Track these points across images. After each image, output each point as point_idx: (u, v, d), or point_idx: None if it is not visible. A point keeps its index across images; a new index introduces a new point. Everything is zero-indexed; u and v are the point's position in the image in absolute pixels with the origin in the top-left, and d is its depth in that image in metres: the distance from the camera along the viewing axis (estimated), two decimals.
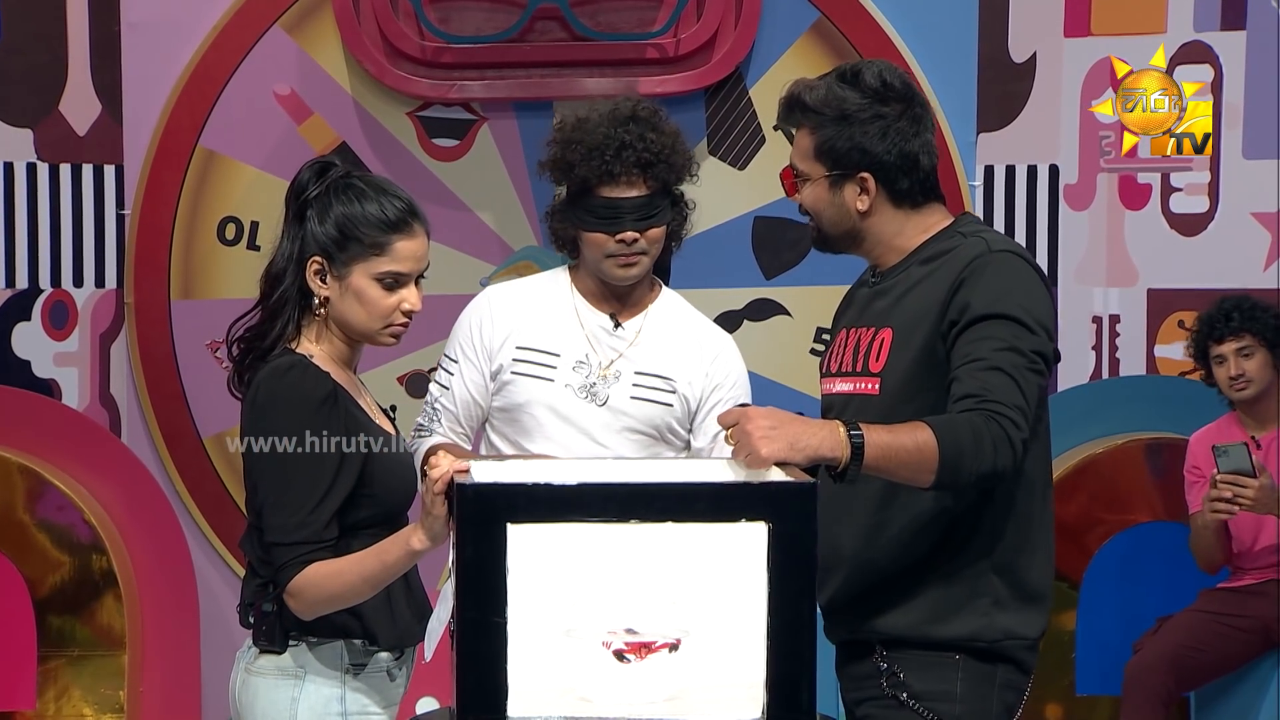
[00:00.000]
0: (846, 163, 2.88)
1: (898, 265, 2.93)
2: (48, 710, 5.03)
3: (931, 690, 2.86)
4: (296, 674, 2.78)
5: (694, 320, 3.37)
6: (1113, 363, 5.48)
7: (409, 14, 5.11)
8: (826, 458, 2.63)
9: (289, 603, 2.73)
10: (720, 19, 5.11)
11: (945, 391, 2.76)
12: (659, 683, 2.39)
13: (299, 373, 2.74)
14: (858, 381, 2.91)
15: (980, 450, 2.65)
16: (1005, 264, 2.81)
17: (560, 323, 3.26)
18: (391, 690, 2.86)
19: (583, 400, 3.19)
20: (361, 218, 2.78)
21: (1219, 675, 4.95)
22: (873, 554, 2.89)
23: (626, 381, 3.22)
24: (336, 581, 2.70)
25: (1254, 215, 5.39)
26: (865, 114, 2.87)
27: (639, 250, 3.20)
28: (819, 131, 2.89)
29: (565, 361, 3.22)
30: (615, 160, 3.15)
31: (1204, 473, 4.88)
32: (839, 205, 2.91)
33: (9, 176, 5.37)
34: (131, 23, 5.23)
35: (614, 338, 3.25)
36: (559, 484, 2.37)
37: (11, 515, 5.01)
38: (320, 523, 2.71)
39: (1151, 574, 5.12)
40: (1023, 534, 2.88)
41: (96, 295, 5.42)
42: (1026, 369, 2.72)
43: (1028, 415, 2.71)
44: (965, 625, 2.86)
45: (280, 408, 2.72)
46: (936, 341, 2.80)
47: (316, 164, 2.87)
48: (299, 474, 2.71)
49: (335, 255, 2.79)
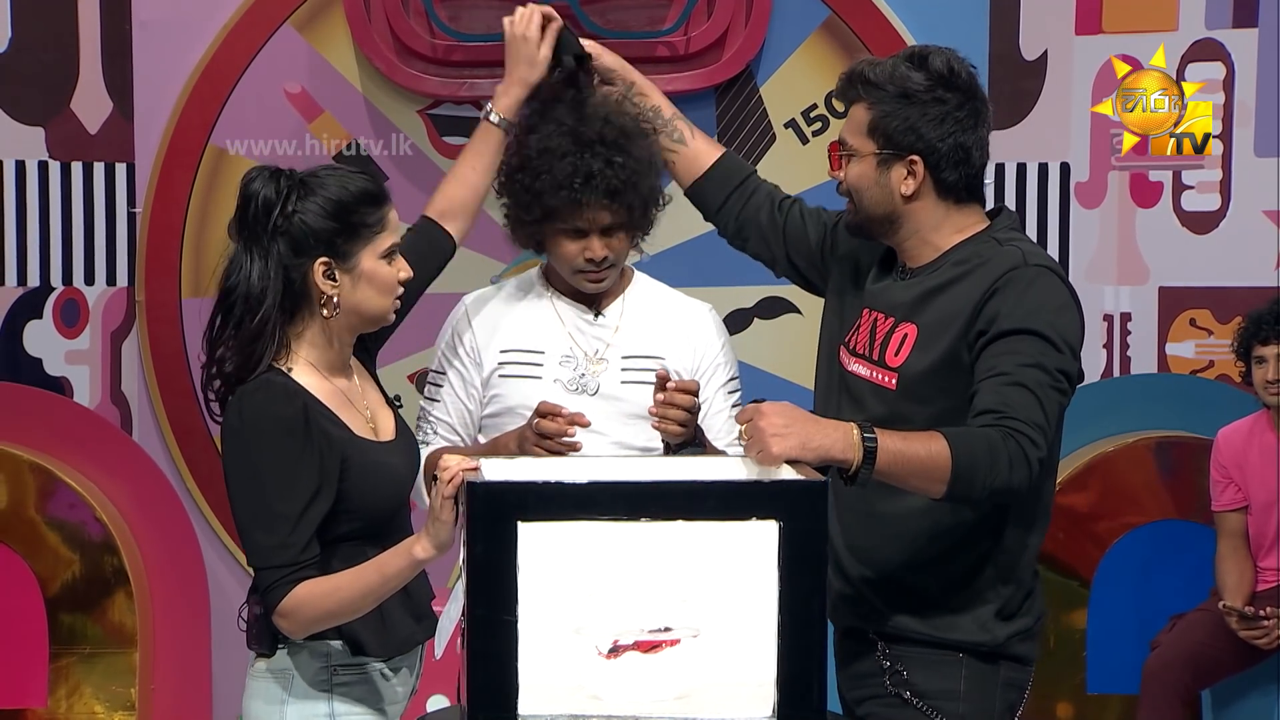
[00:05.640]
0: (899, 143, 2.86)
1: (929, 264, 2.90)
2: (59, 708, 5.04)
3: (936, 689, 2.87)
4: (285, 678, 2.77)
5: (671, 298, 3.35)
6: (1124, 360, 5.47)
7: (419, 12, 5.11)
8: (837, 459, 2.63)
9: (280, 624, 2.70)
10: (731, 17, 5.10)
11: (965, 398, 2.75)
12: (669, 680, 2.39)
13: (265, 394, 2.70)
14: (874, 370, 2.90)
15: (995, 466, 2.64)
16: (1040, 280, 2.79)
17: (540, 321, 3.25)
18: (388, 691, 2.83)
19: (573, 394, 3.17)
20: (352, 201, 2.75)
21: (1235, 672, 4.95)
22: (878, 549, 2.90)
23: (615, 367, 3.20)
24: (331, 599, 2.68)
25: (1265, 213, 5.38)
26: (926, 96, 2.85)
27: (608, 265, 3.17)
28: (876, 107, 2.87)
29: (551, 358, 3.21)
30: (584, 189, 3.09)
31: (1230, 473, 4.89)
32: (884, 186, 2.89)
33: (20, 175, 5.38)
34: (142, 21, 5.23)
35: (596, 327, 3.23)
36: (569, 482, 2.37)
37: (23, 513, 5.02)
38: (300, 544, 2.68)
39: (1163, 572, 5.11)
40: (1023, 535, 2.89)
41: (108, 293, 5.42)
42: (1050, 387, 2.71)
43: (1047, 434, 2.70)
44: (969, 628, 2.86)
45: (250, 431, 2.69)
46: (962, 349, 2.79)
47: (264, 177, 2.75)
48: (274, 496, 2.68)
49: (339, 247, 2.75)
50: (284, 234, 2.73)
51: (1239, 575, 4.89)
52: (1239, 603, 4.81)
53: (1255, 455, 4.90)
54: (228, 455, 2.72)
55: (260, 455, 2.68)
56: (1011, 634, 2.88)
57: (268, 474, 2.68)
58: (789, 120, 5.21)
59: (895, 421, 2.76)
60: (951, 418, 2.74)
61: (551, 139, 3.13)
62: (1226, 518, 4.92)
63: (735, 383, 3.32)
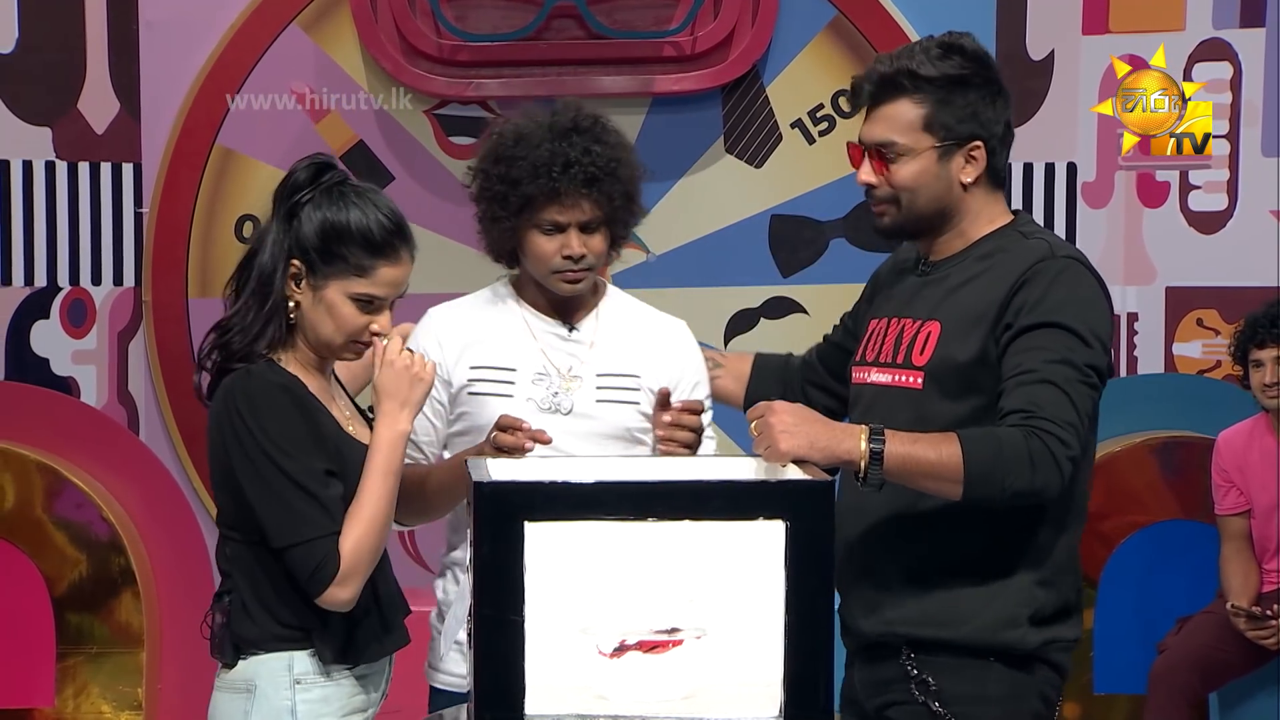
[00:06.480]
0: (960, 132, 2.81)
1: (952, 257, 2.87)
2: (66, 707, 5.04)
3: (965, 694, 2.80)
4: (248, 688, 2.73)
5: (646, 313, 3.25)
6: (1130, 361, 5.47)
7: (426, 12, 5.11)
8: (844, 460, 2.62)
9: (338, 597, 2.66)
10: (737, 17, 5.10)
11: (995, 395, 2.71)
12: (676, 680, 2.39)
13: (265, 376, 2.70)
14: (898, 374, 2.84)
15: (1017, 467, 2.60)
16: (1068, 271, 2.75)
17: (511, 337, 3.13)
18: (354, 701, 2.79)
19: (547, 413, 3.06)
20: (349, 234, 2.72)
21: (1243, 674, 4.95)
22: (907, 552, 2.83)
23: (590, 385, 3.10)
24: (374, 534, 2.66)
25: (1273, 213, 5.37)
26: (979, 80, 2.82)
27: (585, 266, 3.07)
28: (930, 100, 2.81)
29: (523, 375, 3.10)
30: (562, 177, 3.00)
31: (1232, 477, 4.88)
32: (944, 178, 2.83)
33: (28, 175, 5.39)
34: (149, 21, 5.24)
35: (570, 343, 3.13)
36: (576, 482, 2.37)
37: (30, 513, 5.02)
38: (333, 505, 2.66)
39: (1169, 572, 5.11)
40: (1055, 533, 2.82)
41: (115, 293, 5.43)
42: (1079, 382, 2.67)
43: (1079, 431, 2.65)
44: (1004, 631, 2.79)
45: (260, 405, 2.67)
46: (990, 344, 2.74)
47: (312, 165, 2.79)
48: (299, 460, 2.66)
49: (316, 266, 2.73)
50: (288, 222, 2.75)
51: (1244, 577, 4.88)
52: (1244, 605, 4.81)
53: (1256, 458, 4.89)
54: (235, 439, 2.68)
55: (274, 426, 2.66)
56: (1047, 640, 2.81)
57: (286, 442, 2.65)
58: (795, 120, 5.21)
59: (923, 424, 2.72)
60: (983, 415, 2.71)
61: (527, 128, 3.06)
62: (1229, 521, 4.92)
63: (710, 400, 3.21)
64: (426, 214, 5.20)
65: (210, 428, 2.74)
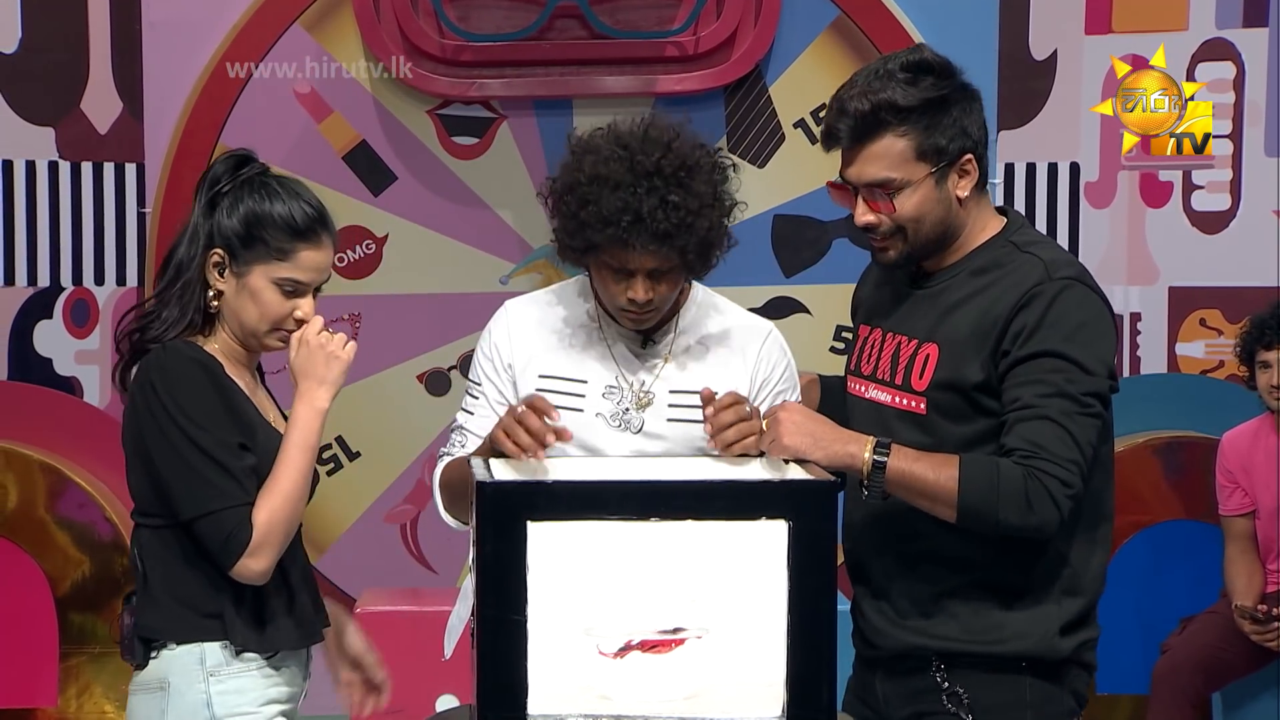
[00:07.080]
0: (952, 150, 2.75)
1: (947, 269, 2.83)
2: (69, 707, 5.05)
3: (998, 703, 2.78)
4: (161, 685, 2.71)
5: (729, 321, 3.06)
6: (1133, 361, 5.47)
7: (429, 12, 5.11)
8: (845, 464, 2.63)
9: (251, 568, 2.65)
10: (740, 17, 5.10)
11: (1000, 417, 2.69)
12: (679, 680, 2.39)
13: (183, 352, 2.71)
14: (899, 395, 2.81)
15: (1011, 504, 2.60)
16: (1066, 293, 2.70)
17: (584, 346, 2.98)
18: (271, 691, 2.75)
19: (615, 429, 2.92)
20: (270, 219, 2.74)
21: (1246, 675, 4.94)
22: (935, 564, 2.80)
23: (662, 403, 2.94)
24: (289, 505, 2.67)
25: (1276, 212, 5.37)
26: (956, 94, 2.76)
27: (651, 309, 2.88)
28: (916, 128, 2.74)
29: (594, 389, 2.94)
30: (631, 229, 2.77)
31: (1236, 478, 4.88)
32: (944, 200, 2.77)
33: (30, 175, 5.39)
34: (152, 21, 5.24)
35: (645, 356, 2.97)
36: (579, 482, 2.37)
37: (33, 513, 5.03)
38: (245, 476, 2.66)
39: (1172, 572, 5.11)
40: (1088, 549, 2.80)
41: (118, 293, 5.43)
42: (1078, 414, 2.64)
43: (1082, 466, 2.63)
44: (1037, 644, 2.77)
45: (174, 379, 2.67)
46: (991, 369, 2.72)
47: (232, 157, 2.82)
48: (212, 433, 2.66)
49: (238, 252, 2.75)
50: (208, 212, 2.78)
51: (1248, 578, 4.88)
52: (1249, 605, 4.81)
53: (1261, 459, 4.89)
54: (147, 411, 2.68)
55: (187, 398, 2.66)
56: (1077, 645, 2.80)
57: (199, 414, 2.66)
58: (798, 120, 5.21)
59: (935, 447, 2.71)
60: (992, 435, 2.70)
61: (607, 164, 2.82)
62: (1234, 522, 4.92)
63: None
64: (429, 214, 5.21)
65: (125, 408, 2.75)
